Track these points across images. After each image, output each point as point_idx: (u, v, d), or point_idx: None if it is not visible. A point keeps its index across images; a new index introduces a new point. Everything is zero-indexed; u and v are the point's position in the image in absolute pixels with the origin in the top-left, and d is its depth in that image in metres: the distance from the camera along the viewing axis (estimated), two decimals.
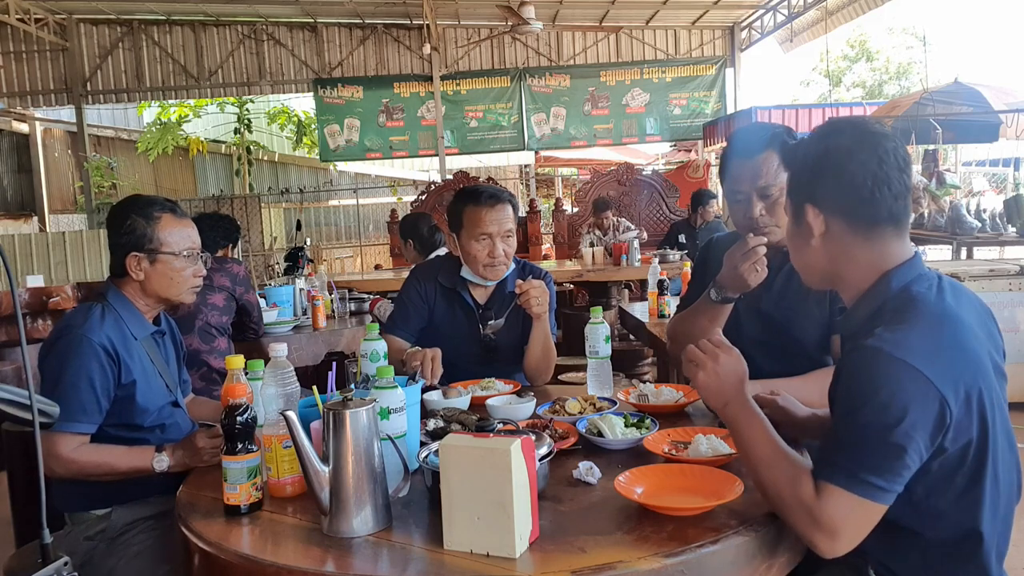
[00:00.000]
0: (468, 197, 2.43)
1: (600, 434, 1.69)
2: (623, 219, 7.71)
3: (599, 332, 2.12)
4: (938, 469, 1.22)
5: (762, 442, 1.31)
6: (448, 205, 2.50)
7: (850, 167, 1.27)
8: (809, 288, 1.48)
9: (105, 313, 1.90)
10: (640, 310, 4.17)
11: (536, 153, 14.33)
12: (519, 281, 2.28)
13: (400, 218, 6.62)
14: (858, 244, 1.31)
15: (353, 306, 4.44)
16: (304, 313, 4.20)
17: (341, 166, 16.34)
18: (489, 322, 2.44)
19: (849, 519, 1.19)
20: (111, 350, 1.85)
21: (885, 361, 1.18)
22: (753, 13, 12.16)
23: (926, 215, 6.89)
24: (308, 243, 9.04)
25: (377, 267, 10.74)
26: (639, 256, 6.34)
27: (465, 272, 2.47)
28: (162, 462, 1.81)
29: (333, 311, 4.31)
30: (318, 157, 13.36)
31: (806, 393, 1.73)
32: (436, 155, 12.55)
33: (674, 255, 6.50)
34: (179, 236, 1.97)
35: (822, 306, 1.94)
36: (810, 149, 1.34)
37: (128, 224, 1.93)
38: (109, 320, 1.89)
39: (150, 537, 1.88)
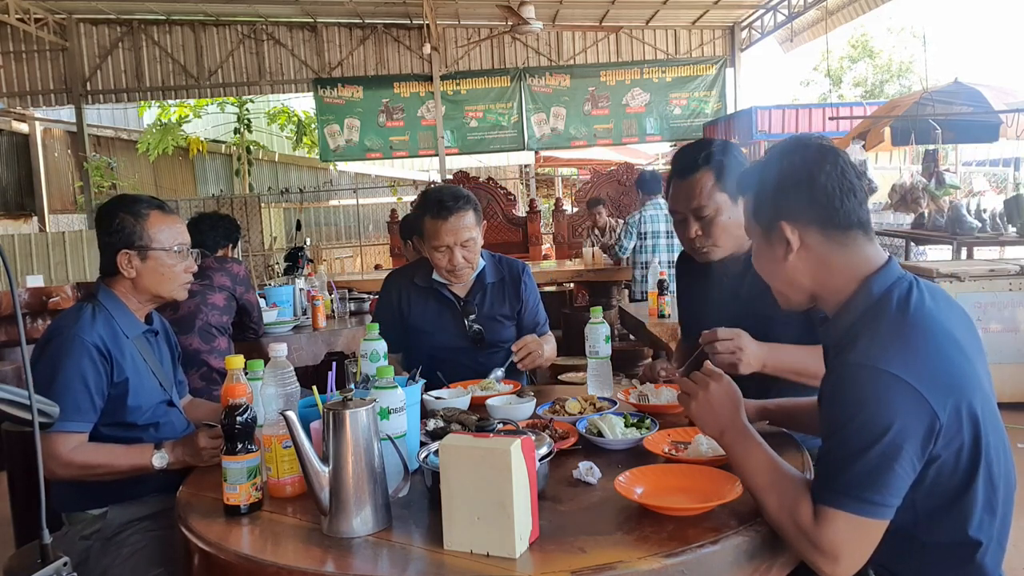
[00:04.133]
0: (427, 208, 2.43)
1: (600, 434, 1.69)
2: (621, 220, 7.73)
3: (599, 332, 2.12)
4: (934, 475, 1.22)
5: (760, 469, 1.30)
6: (413, 208, 2.51)
7: (819, 178, 1.30)
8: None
9: (96, 312, 1.90)
10: (640, 311, 4.17)
11: (536, 153, 14.34)
12: (514, 347, 2.30)
13: (400, 218, 6.62)
14: (834, 251, 1.32)
15: (353, 306, 4.44)
16: (304, 313, 4.20)
17: (341, 166, 16.35)
18: (472, 323, 2.47)
19: (849, 540, 1.19)
20: (103, 348, 1.85)
21: (868, 375, 1.18)
22: (753, 13, 12.16)
23: (926, 215, 6.88)
24: (308, 243, 9.03)
25: (377, 267, 10.74)
26: None
27: (436, 275, 2.50)
28: (162, 459, 1.80)
29: (333, 311, 4.31)
30: (318, 157, 13.35)
31: (809, 361, 1.73)
32: (436, 155, 12.55)
33: None
34: (168, 232, 1.98)
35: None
36: (771, 170, 1.37)
37: (117, 222, 1.93)
38: (100, 319, 1.89)
39: (144, 538, 1.88)
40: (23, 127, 12.46)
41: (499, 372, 2.34)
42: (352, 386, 1.74)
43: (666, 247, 5.43)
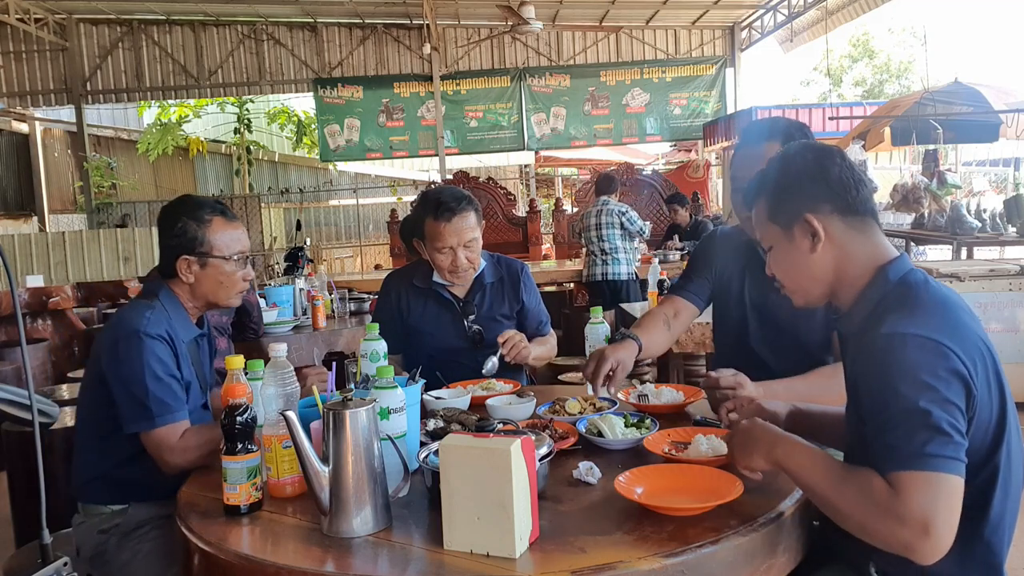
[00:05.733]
0: (427, 209, 2.43)
1: (600, 434, 1.69)
2: None
3: (599, 332, 2.12)
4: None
5: (819, 467, 1.28)
6: (412, 210, 2.51)
7: (832, 170, 1.38)
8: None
9: (158, 313, 1.90)
10: (640, 310, 4.17)
11: (536, 153, 14.34)
12: (500, 339, 2.30)
13: (400, 218, 6.63)
14: (855, 239, 1.38)
15: (353, 306, 4.43)
16: (304, 313, 4.20)
17: (341, 166, 16.35)
18: (472, 323, 2.50)
19: (935, 502, 1.14)
20: (171, 345, 1.86)
21: (904, 340, 1.21)
22: (753, 13, 12.16)
23: (926, 215, 6.87)
24: (308, 243, 9.03)
25: (377, 267, 10.75)
26: (639, 256, 6.41)
27: (437, 276, 2.51)
28: None
29: (333, 311, 4.31)
30: (318, 157, 13.37)
31: (812, 391, 1.75)
32: (436, 155, 12.56)
33: (673, 255, 6.55)
34: (229, 239, 1.96)
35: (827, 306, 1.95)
36: (781, 171, 1.42)
37: (179, 227, 1.92)
38: (163, 320, 1.89)
39: (163, 535, 1.87)
40: (23, 127, 12.47)
41: (493, 359, 2.31)
42: (352, 386, 1.74)
43: (596, 238, 6.41)
